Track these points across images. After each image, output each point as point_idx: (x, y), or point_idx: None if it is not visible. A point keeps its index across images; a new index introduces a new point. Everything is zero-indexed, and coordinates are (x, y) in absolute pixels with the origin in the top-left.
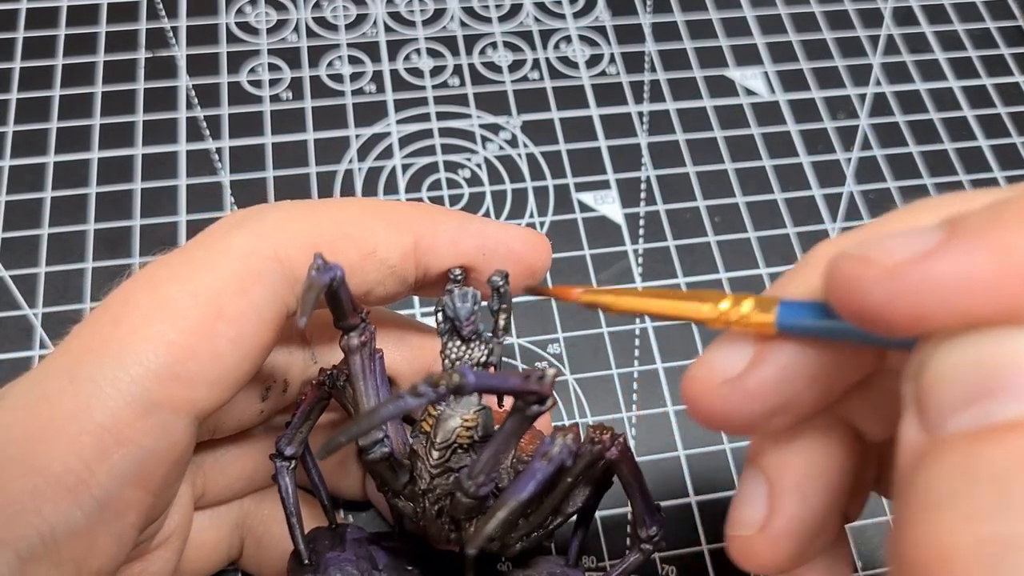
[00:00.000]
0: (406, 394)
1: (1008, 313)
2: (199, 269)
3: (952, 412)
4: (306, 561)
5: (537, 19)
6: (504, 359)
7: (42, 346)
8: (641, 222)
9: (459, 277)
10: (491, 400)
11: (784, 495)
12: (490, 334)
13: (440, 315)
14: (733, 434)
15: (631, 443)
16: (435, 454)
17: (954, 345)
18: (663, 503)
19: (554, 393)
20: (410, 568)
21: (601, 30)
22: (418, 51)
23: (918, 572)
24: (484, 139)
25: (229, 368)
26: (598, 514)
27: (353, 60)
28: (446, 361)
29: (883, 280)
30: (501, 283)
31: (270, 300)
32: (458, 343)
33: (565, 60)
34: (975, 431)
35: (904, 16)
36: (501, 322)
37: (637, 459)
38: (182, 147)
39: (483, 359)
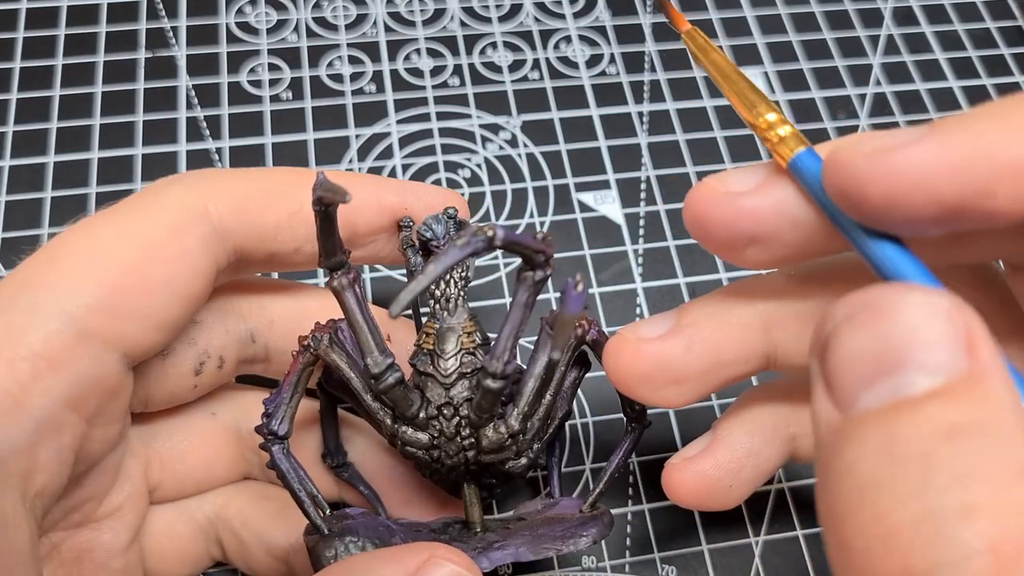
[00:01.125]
0: (456, 245)
1: (966, 198)
2: (134, 217)
3: (861, 389)
4: (327, 531)
5: (537, 19)
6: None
7: None
8: (641, 222)
9: (408, 224)
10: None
11: (677, 335)
12: None
13: (411, 249)
14: (713, 249)
15: None
16: (446, 364)
17: (856, 322)
18: (664, 503)
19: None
20: (425, 523)
21: (601, 30)
22: (418, 51)
23: (865, 557)
24: (484, 139)
25: (160, 308)
26: None
27: (353, 60)
28: (432, 287)
29: (866, 161)
30: (454, 212)
31: (201, 249)
32: None
33: (565, 60)
34: (886, 408)
35: (904, 16)
36: None
37: (637, 459)
38: (182, 147)
39: (462, 276)
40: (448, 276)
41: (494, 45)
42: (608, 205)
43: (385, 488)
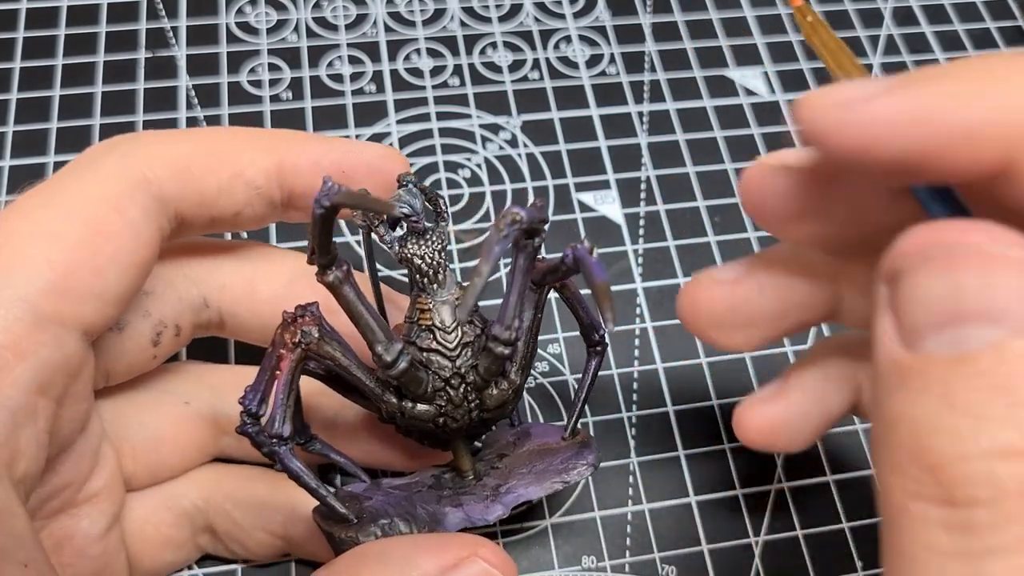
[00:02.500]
0: (499, 236)
1: (920, 156)
2: (73, 194)
3: (930, 332)
4: (355, 519)
5: (537, 19)
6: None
7: None
8: (641, 222)
9: (407, 180)
10: None
11: (748, 273)
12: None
13: (383, 225)
14: (766, 220)
15: (631, 443)
16: (449, 337)
17: (932, 265)
18: (664, 503)
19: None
20: (416, 480)
21: (601, 30)
22: (418, 51)
23: (914, 483)
24: (484, 139)
25: (111, 283)
26: (598, 514)
27: (353, 60)
28: (416, 260)
29: (827, 112)
30: (412, 179)
31: (144, 219)
32: (417, 240)
33: (565, 60)
34: (952, 359)
35: (904, 16)
36: (442, 207)
37: (637, 459)
38: None
39: (443, 246)
40: (431, 249)
41: (494, 45)
42: (608, 205)
43: (354, 452)
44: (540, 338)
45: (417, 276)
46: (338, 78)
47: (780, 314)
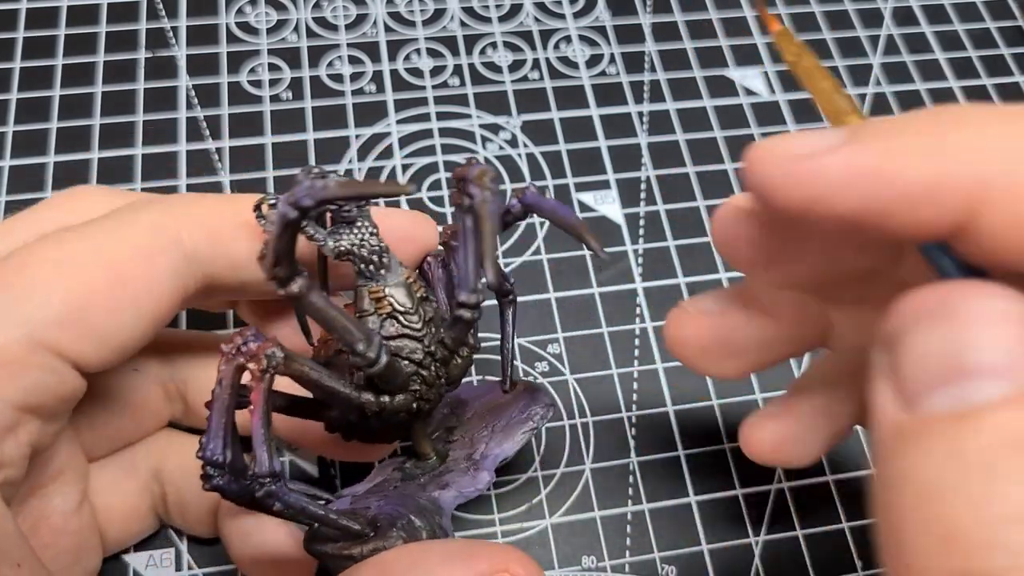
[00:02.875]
0: (492, 196)
1: (864, 216)
2: (107, 236)
3: (930, 390)
4: (370, 532)
5: (537, 19)
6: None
7: None
8: (641, 222)
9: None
10: None
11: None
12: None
13: (312, 227)
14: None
15: (631, 443)
16: (414, 319)
17: (929, 322)
18: (664, 503)
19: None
20: (383, 479)
21: (601, 30)
22: (418, 51)
23: (923, 557)
24: (484, 139)
25: (120, 329)
26: (598, 514)
27: (353, 60)
28: (355, 248)
29: (774, 166)
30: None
31: (170, 275)
32: (348, 228)
33: (565, 60)
34: (954, 415)
35: (904, 16)
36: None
37: (637, 459)
38: (182, 147)
39: (375, 229)
40: (367, 233)
41: (494, 45)
42: (608, 205)
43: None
44: (540, 337)
45: (362, 266)
46: (338, 78)
47: (769, 344)
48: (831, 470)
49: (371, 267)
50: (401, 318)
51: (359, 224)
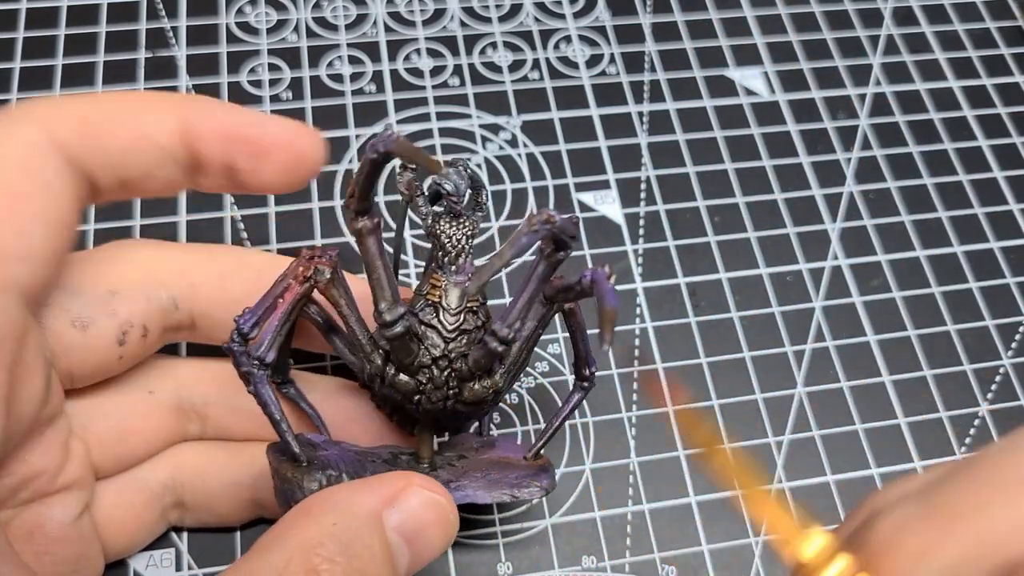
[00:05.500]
0: (529, 228)
1: None
2: None
3: None
4: (305, 461)
5: (537, 19)
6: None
7: None
8: (641, 222)
9: (456, 162)
10: None
11: None
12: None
13: (421, 197)
14: None
15: (631, 443)
16: (450, 319)
17: None
18: (664, 503)
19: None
20: (375, 451)
21: (601, 30)
22: (418, 51)
23: None
24: (484, 139)
25: (38, 243)
26: (598, 514)
27: (353, 60)
28: (443, 238)
29: None
30: (465, 162)
31: (58, 179)
32: (451, 221)
33: (565, 60)
34: None
35: (904, 16)
36: (483, 198)
37: (637, 459)
38: None
39: (473, 233)
40: (461, 232)
41: (494, 45)
42: (608, 205)
43: (327, 409)
44: (540, 338)
45: (440, 254)
46: (338, 78)
47: None
48: (831, 470)
49: (446, 259)
50: (441, 312)
51: (461, 221)
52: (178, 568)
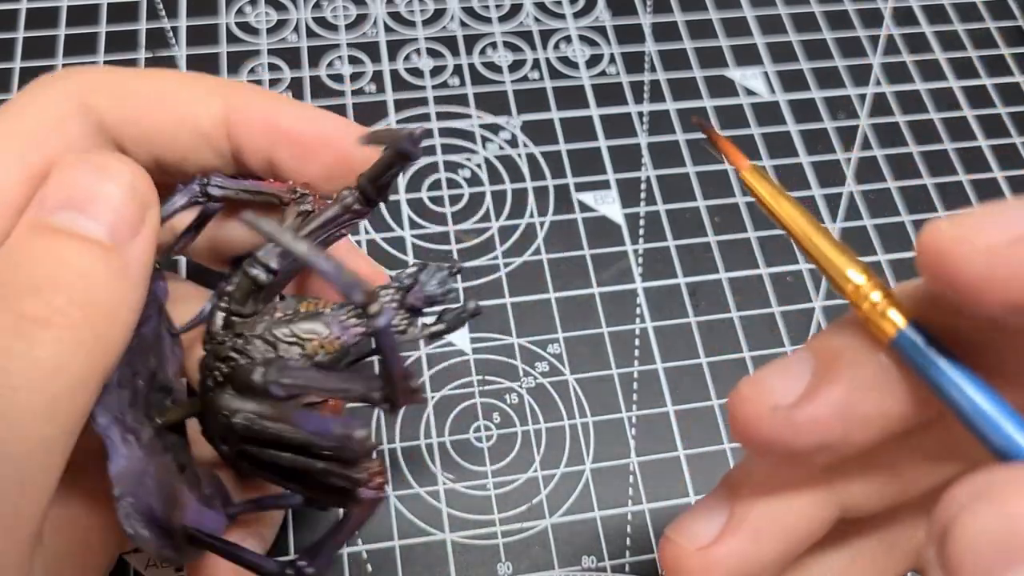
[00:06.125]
0: (356, 295)
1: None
2: (15, 116)
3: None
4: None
5: (537, 19)
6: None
7: None
8: (641, 222)
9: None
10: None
11: (740, 529)
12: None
13: (401, 279)
14: (777, 459)
15: (631, 443)
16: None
17: (977, 508)
18: (664, 503)
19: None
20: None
21: (601, 30)
22: (418, 51)
23: None
24: (484, 139)
25: None
26: (598, 514)
27: (353, 60)
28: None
29: (985, 255)
30: (456, 271)
31: (83, 141)
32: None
33: (565, 60)
34: None
35: (904, 16)
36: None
37: (637, 459)
38: None
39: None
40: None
41: (494, 45)
42: (608, 205)
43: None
44: (540, 337)
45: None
46: (338, 78)
47: (785, 555)
48: None
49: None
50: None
51: (410, 319)
52: (178, 568)
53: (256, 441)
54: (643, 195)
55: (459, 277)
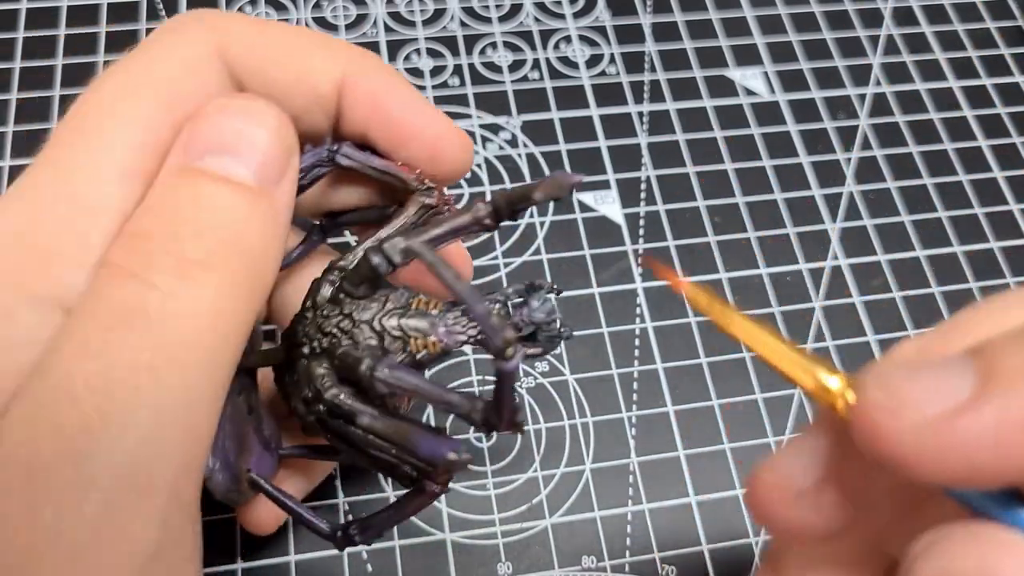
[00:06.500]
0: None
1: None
2: (155, 55)
3: None
4: None
5: (537, 19)
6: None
7: None
8: (641, 222)
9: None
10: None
11: None
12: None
13: (508, 295)
14: (792, 539)
15: (631, 443)
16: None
17: (929, 557)
18: (664, 503)
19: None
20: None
21: (601, 30)
22: (418, 51)
23: None
24: (484, 139)
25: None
26: (598, 514)
27: None
28: (458, 328)
29: (914, 434)
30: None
31: (217, 84)
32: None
33: (565, 60)
34: None
35: (904, 16)
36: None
37: (637, 459)
38: None
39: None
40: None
41: (494, 45)
42: (608, 205)
43: None
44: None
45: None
46: None
47: None
48: None
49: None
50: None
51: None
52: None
53: (343, 417)
54: (643, 195)
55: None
